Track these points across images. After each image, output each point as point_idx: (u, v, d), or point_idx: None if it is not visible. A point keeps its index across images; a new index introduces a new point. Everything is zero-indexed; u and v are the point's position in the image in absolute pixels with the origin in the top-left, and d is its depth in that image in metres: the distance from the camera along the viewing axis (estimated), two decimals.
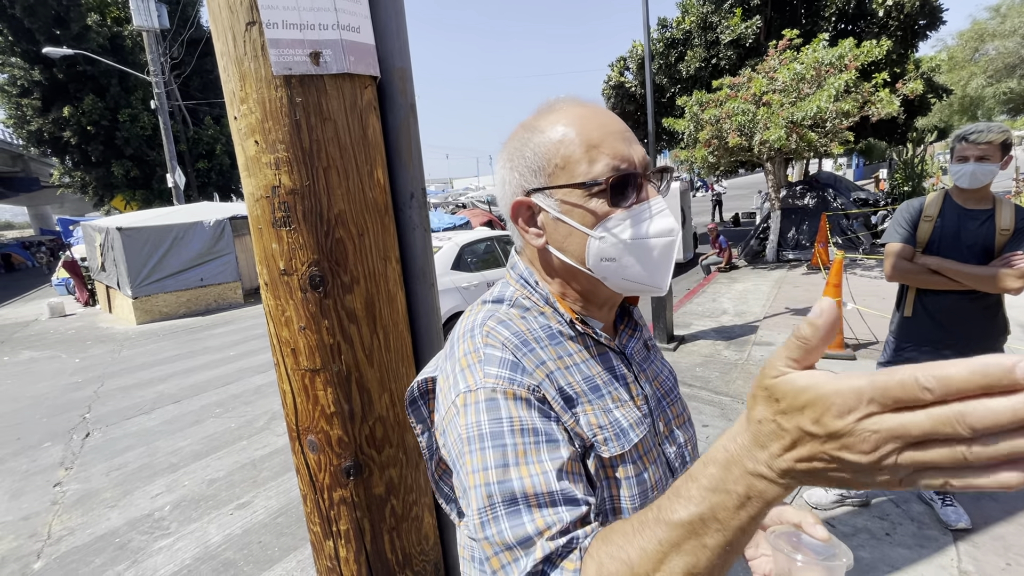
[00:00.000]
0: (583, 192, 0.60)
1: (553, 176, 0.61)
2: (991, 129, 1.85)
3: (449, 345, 0.63)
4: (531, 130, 0.63)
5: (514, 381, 0.54)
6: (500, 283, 0.71)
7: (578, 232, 0.61)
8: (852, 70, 7.23)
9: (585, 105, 0.64)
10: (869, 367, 4.09)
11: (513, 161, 0.64)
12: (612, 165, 0.59)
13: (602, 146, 0.60)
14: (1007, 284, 1.83)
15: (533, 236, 0.64)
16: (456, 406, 0.55)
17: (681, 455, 0.70)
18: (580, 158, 0.60)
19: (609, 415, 0.60)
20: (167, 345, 7.62)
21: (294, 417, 1.16)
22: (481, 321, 0.61)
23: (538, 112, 0.66)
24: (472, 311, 0.66)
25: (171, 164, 13.79)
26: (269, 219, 1.03)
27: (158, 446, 4.05)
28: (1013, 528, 2.18)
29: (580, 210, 0.60)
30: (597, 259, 0.61)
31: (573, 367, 0.61)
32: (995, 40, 21.09)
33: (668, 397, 0.72)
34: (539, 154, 0.62)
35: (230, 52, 0.98)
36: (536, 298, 0.66)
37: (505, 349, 0.57)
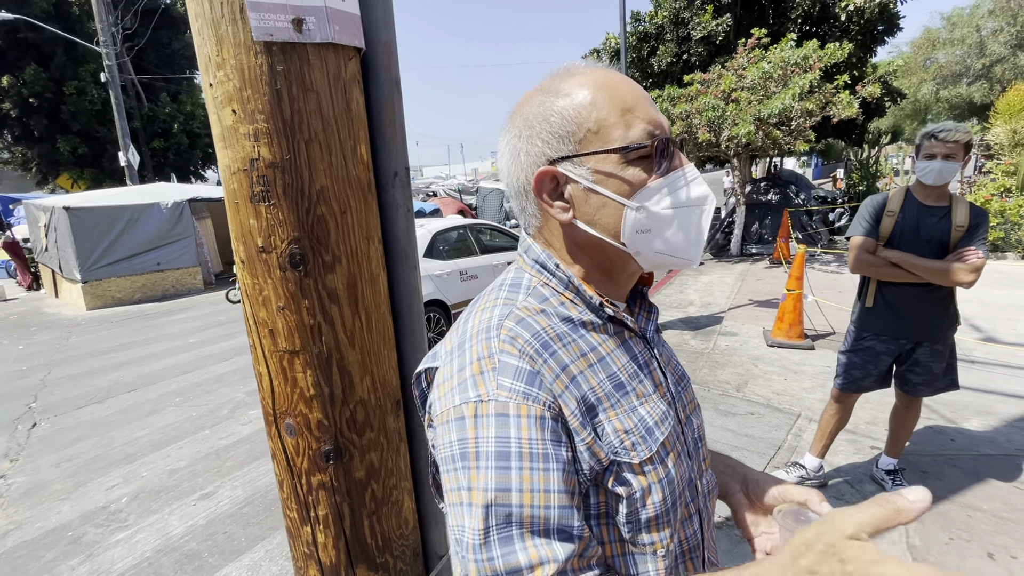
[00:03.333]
0: (619, 159, 0.56)
1: (585, 142, 0.56)
2: (958, 129, 1.95)
3: (459, 338, 0.58)
4: (554, 94, 0.58)
5: (529, 396, 0.50)
6: (514, 268, 0.65)
7: (613, 203, 0.56)
8: (816, 71, 7.47)
9: (608, 70, 0.59)
10: (827, 356, 4.28)
11: (533, 128, 0.58)
12: (648, 130, 0.56)
13: (636, 110, 0.56)
14: (959, 277, 1.95)
15: (559, 210, 0.59)
16: (462, 413, 0.51)
17: (696, 440, 0.68)
18: (616, 122, 0.55)
19: (634, 415, 0.57)
20: (121, 332, 7.26)
21: (271, 400, 1.12)
22: (498, 321, 0.56)
23: (556, 76, 0.60)
24: (487, 302, 0.60)
25: (124, 142, 13.06)
26: (247, 193, 0.98)
27: (113, 436, 3.87)
28: (954, 506, 2.33)
29: (615, 179, 0.56)
30: (633, 231, 0.57)
31: (597, 364, 0.57)
32: (945, 48, 22.22)
33: (682, 381, 0.70)
34: (568, 118, 0.56)
35: (205, 14, 0.92)
36: (555, 283, 0.61)
37: (523, 357, 0.52)
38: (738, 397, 3.67)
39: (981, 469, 2.59)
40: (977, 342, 4.27)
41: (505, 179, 0.63)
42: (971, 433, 2.96)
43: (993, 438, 2.89)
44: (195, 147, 18.03)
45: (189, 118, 17.45)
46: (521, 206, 0.64)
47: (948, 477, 2.54)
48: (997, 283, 6.09)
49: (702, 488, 0.66)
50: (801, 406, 3.44)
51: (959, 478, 2.53)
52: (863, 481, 2.56)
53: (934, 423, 3.09)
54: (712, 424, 3.29)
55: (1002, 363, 3.90)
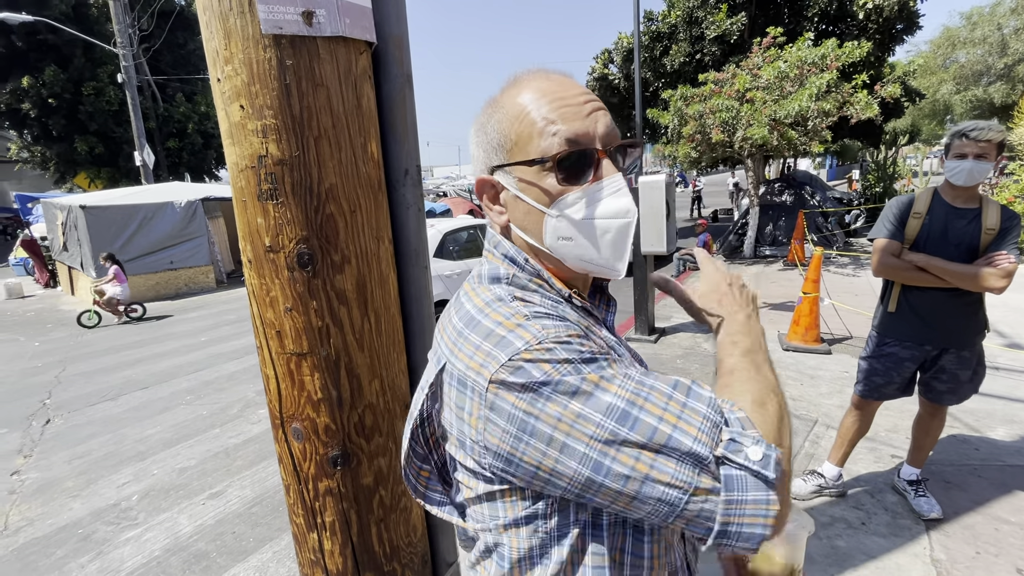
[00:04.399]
0: (537, 169, 0.59)
1: (511, 152, 0.60)
2: (991, 128, 1.88)
3: (460, 325, 0.58)
4: (494, 106, 0.63)
5: (570, 327, 0.53)
6: (485, 263, 0.67)
7: (535, 210, 0.60)
8: (833, 70, 7.34)
9: (549, 77, 0.61)
10: (844, 361, 4.19)
11: (478, 137, 0.64)
12: (568, 139, 0.57)
13: (557, 120, 0.58)
14: (990, 283, 1.87)
15: (496, 214, 0.64)
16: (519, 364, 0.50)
17: None
18: (533, 133, 0.58)
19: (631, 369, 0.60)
20: (134, 330, 7.34)
21: (278, 404, 1.09)
22: (506, 293, 0.59)
23: (504, 86, 0.64)
24: (475, 292, 0.61)
25: (139, 141, 13.24)
26: (254, 191, 0.96)
27: (124, 434, 3.90)
28: (981, 518, 2.25)
29: (535, 188, 0.59)
30: (554, 238, 0.60)
31: (588, 332, 0.59)
32: (965, 48, 21.78)
33: None
34: (499, 130, 0.61)
35: (213, 7, 0.90)
36: (526, 273, 0.64)
37: (544, 309, 0.56)
38: None
39: (1008, 480, 2.50)
40: (1002, 348, 4.15)
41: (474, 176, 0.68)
42: (996, 442, 2.87)
43: (1020, 448, 2.79)
44: (209, 147, 18.21)
45: (203, 118, 17.62)
46: None
47: (973, 488, 2.46)
48: (1021, 287, 5.93)
49: None
50: (818, 412, 3.36)
51: (985, 489, 2.45)
52: (883, 491, 2.48)
53: (957, 431, 3.00)
54: None
55: None
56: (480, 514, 0.61)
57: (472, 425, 0.54)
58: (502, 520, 0.59)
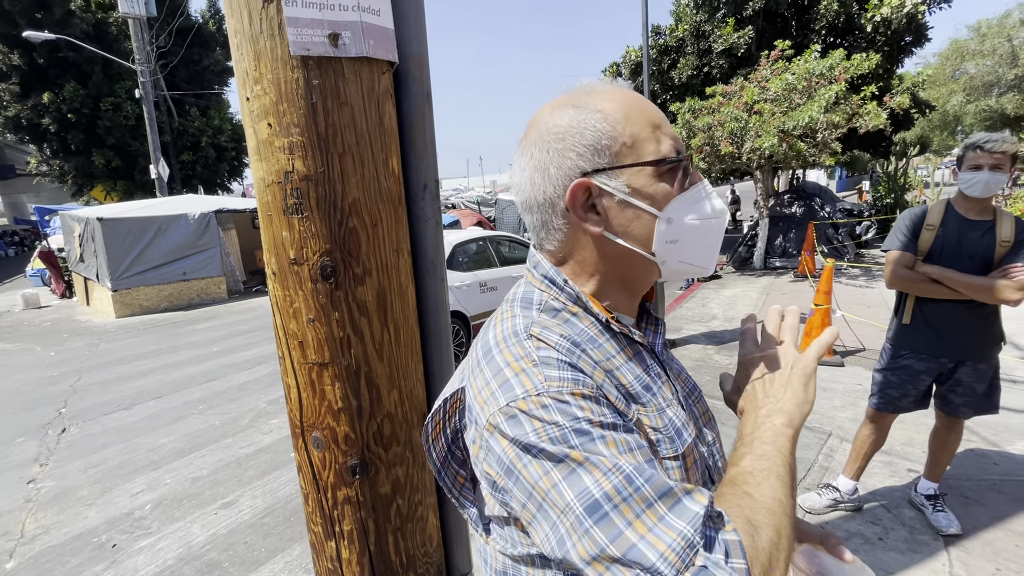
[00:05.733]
0: (652, 173, 0.58)
1: (620, 155, 0.57)
2: (1005, 139, 1.88)
3: (481, 354, 0.59)
4: (585, 108, 0.59)
5: (578, 382, 0.51)
6: (523, 283, 0.66)
7: (646, 215, 0.58)
8: (842, 82, 7.36)
9: (627, 89, 0.62)
10: (857, 373, 4.15)
11: (565, 141, 0.58)
12: (675, 146, 0.59)
13: (663, 127, 0.59)
14: (1005, 295, 1.86)
15: (592, 224, 0.59)
16: (514, 412, 0.50)
17: (712, 454, 0.68)
18: (649, 137, 0.58)
19: (664, 415, 0.59)
20: (148, 339, 7.43)
21: (298, 413, 1.11)
22: (524, 326, 0.57)
23: (576, 93, 0.61)
24: (503, 317, 0.61)
25: (155, 155, 13.51)
26: (280, 206, 0.99)
27: (138, 443, 3.94)
28: (1002, 534, 2.21)
29: (648, 192, 0.58)
30: (663, 242, 0.59)
31: (622, 367, 0.59)
32: (974, 59, 21.72)
33: (693, 395, 0.71)
34: (603, 132, 0.57)
35: (245, 30, 0.93)
36: (564, 298, 0.62)
37: (559, 353, 0.53)
38: None
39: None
40: (1019, 360, 4.09)
41: (525, 193, 0.62)
42: (1015, 457, 2.82)
43: None
44: (222, 160, 18.53)
45: (216, 132, 17.95)
46: (543, 220, 0.62)
47: (992, 503, 2.42)
48: None
49: None
50: (832, 425, 3.33)
51: (1004, 504, 2.40)
52: (900, 505, 2.45)
53: (975, 446, 2.95)
54: None
55: None
56: (500, 535, 0.62)
57: (475, 453, 0.57)
58: (517, 550, 0.58)
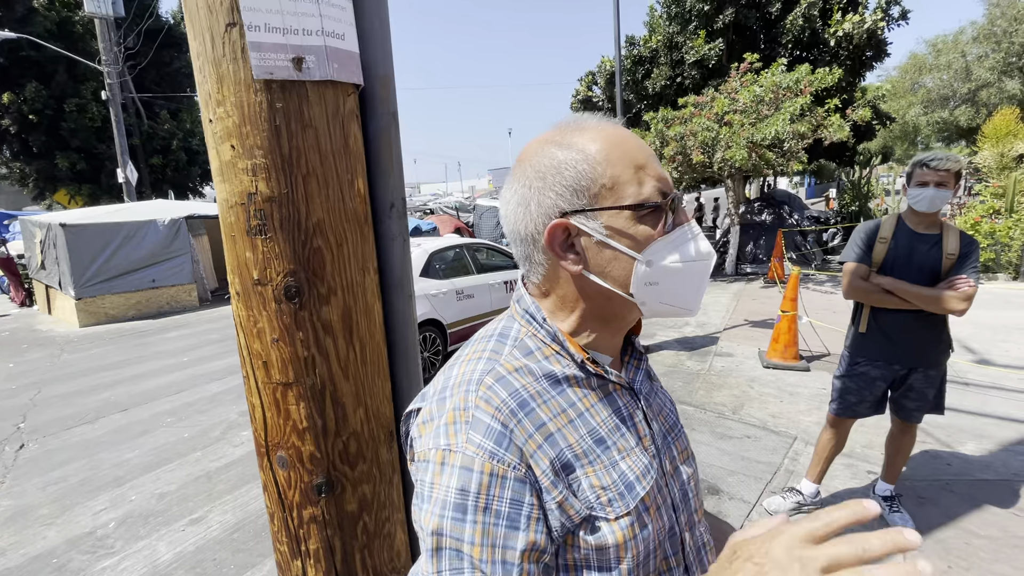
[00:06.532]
0: (631, 215, 0.57)
1: (599, 197, 0.57)
2: (949, 158, 1.99)
3: (443, 383, 0.59)
4: (567, 147, 0.59)
5: (495, 456, 0.51)
6: (506, 316, 0.67)
7: (624, 257, 0.58)
8: (807, 95, 7.62)
9: (616, 125, 0.61)
10: (822, 378, 4.29)
11: (546, 180, 0.59)
12: (658, 188, 0.58)
13: (647, 167, 0.58)
14: (951, 306, 1.96)
15: (570, 262, 0.59)
16: (431, 458, 0.53)
17: (684, 492, 0.68)
18: (630, 179, 0.57)
19: (615, 470, 0.58)
20: (114, 349, 7.20)
21: (263, 432, 1.11)
22: (479, 376, 0.57)
23: (564, 130, 0.61)
24: (475, 351, 0.61)
25: (122, 159, 13.13)
26: (244, 227, 0.99)
27: (102, 458, 3.81)
28: (953, 533, 2.31)
29: (627, 234, 0.58)
30: (641, 284, 0.58)
31: (577, 420, 0.58)
32: (931, 73, 22.73)
33: (673, 432, 0.71)
34: (582, 173, 0.57)
35: (207, 53, 0.94)
36: (543, 335, 0.62)
37: (496, 416, 0.53)
38: (734, 419, 3.65)
39: (978, 494, 2.58)
40: (971, 364, 4.29)
41: (510, 226, 0.63)
42: (967, 457, 2.95)
43: (990, 463, 2.88)
44: (193, 164, 18.10)
45: (188, 135, 17.54)
46: (526, 253, 0.63)
47: (945, 503, 2.53)
48: (989, 304, 6.14)
49: (691, 541, 0.66)
50: (797, 429, 3.43)
51: (956, 504, 2.52)
52: None
53: (930, 447, 3.08)
54: (710, 446, 3.28)
55: (996, 385, 3.91)
56: None
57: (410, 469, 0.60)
58: None
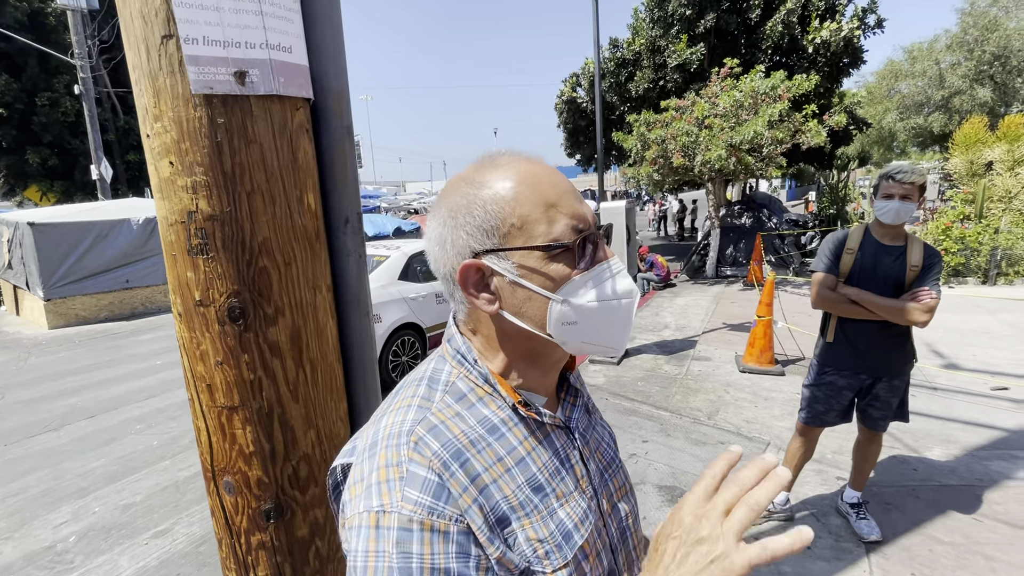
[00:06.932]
0: (543, 255, 0.56)
1: (509, 237, 0.56)
2: (914, 171, 2.02)
3: (372, 437, 0.56)
4: (478, 186, 0.58)
5: (434, 511, 0.49)
6: (436, 357, 0.64)
7: (538, 296, 0.57)
8: (785, 100, 7.73)
9: (532, 161, 0.59)
10: (797, 383, 4.34)
11: (457, 219, 0.58)
12: (572, 225, 0.56)
13: (560, 205, 0.56)
14: (914, 317, 1.99)
15: (484, 302, 0.58)
16: (366, 522, 0.49)
17: (623, 531, 0.66)
18: (539, 218, 0.56)
19: (553, 519, 0.56)
20: (84, 352, 7.00)
21: (209, 457, 1.07)
22: (410, 427, 0.54)
23: (479, 166, 0.60)
24: (404, 399, 0.59)
25: (96, 155, 12.79)
26: (184, 246, 0.95)
27: (66, 468, 3.69)
28: (918, 539, 2.35)
29: (540, 273, 0.56)
30: (559, 324, 0.57)
31: (515, 468, 0.56)
32: (907, 79, 23.28)
33: (610, 468, 0.69)
34: (492, 213, 0.56)
35: (143, 66, 0.90)
36: (474, 376, 0.60)
37: (431, 468, 0.51)
38: (709, 425, 3.68)
39: (943, 500, 2.63)
40: (939, 369, 4.38)
41: (432, 264, 0.63)
42: (933, 463, 3.01)
43: (954, 468, 2.94)
44: None
45: None
46: (449, 291, 0.63)
47: (911, 509, 2.57)
48: (958, 308, 6.29)
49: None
50: (770, 435, 3.47)
51: (921, 510, 2.56)
52: (828, 514, 2.57)
53: (898, 452, 3.14)
54: (684, 452, 3.29)
55: (963, 390, 3.99)
56: None
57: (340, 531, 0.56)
58: None
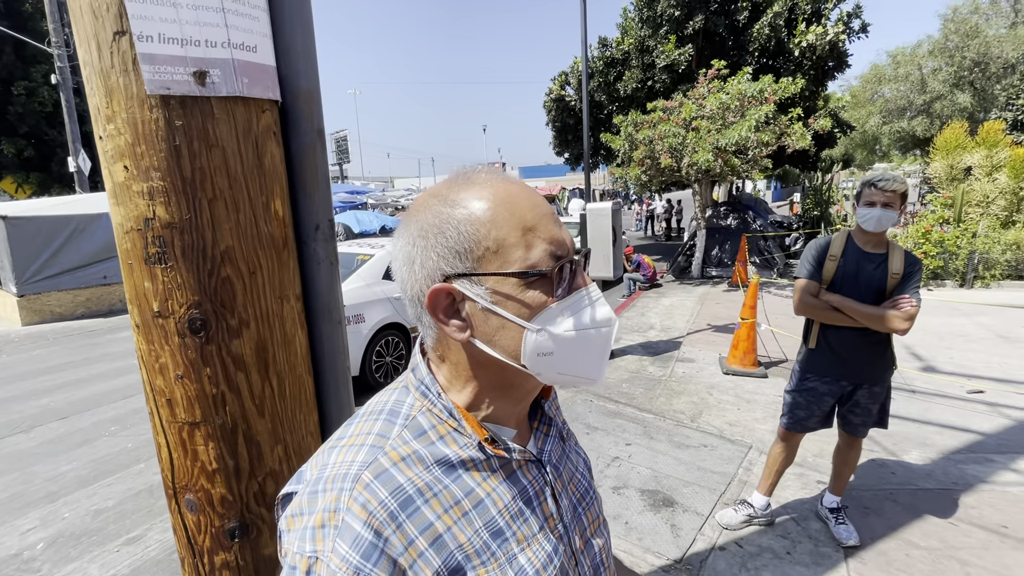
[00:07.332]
0: (519, 281, 0.52)
1: (483, 261, 0.52)
2: (896, 179, 2.03)
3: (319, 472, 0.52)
4: (452, 204, 0.53)
5: (360, 572, 0.46)
6: (399, 388, 0.60)
7: (513, 325, 0.53)
8: (771, 103, 7.79)
9: (510, 181, 0.56)
10: (779, 385, 4.37)
11: (428, 239, 0.54)
12: (550, 251, 0.53)
13: (538, 229, 0.53)
14: (894, 325, 2.00)
15: (455, 329, 0.54)
16: (296, 564, 0.47)
17: (596, 567, 0.64)
18: (516, 242, 0.52)
19: (512, 566, 0.53)
20: (58, 350, 6.82)
21: (170, 474, 1.02)
22: (357, 471, 0.50)
23: (454, 183, 0.56)
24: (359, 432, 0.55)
25: (74, 146, 12.47)
26: (141, 255, 0.91)
27: (35, 471, 3.58)
28: (894, 544, 2.37)
29: (515, 301, 0.53)
30: (534, 354, 0.53)
31: (472, 512, 0.53)
32: (890, 84, 23.67)
33: (584, 501, 0.67)
34: (465, 234, 0.52)
35: (94, 63, 0.85)
36: (438, 410, 0.56)
37: (370, 523, 0.47)
38: (692, 428, 3.69)
39: (919, 504, 2.66)
40: (918, 372, 4.45)
41: (399, 284, 0.58)
42: (911, 466, 3.05)
43: (931, 471, 2.98)
44: None
45: None
46: (416, 315, 0.58)
47: (889, 513, 2.60)
48: (936, 311, 6.40)
49: None
50: (752, 437, 3.49)
51: (898, 514, 2.59)
52: (808, 518, 2.59)
53: (877, 455, 3.17)
54: (667, 455, 3.30)
55: (940, 393, 4.06)
56: None
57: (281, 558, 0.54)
58: None
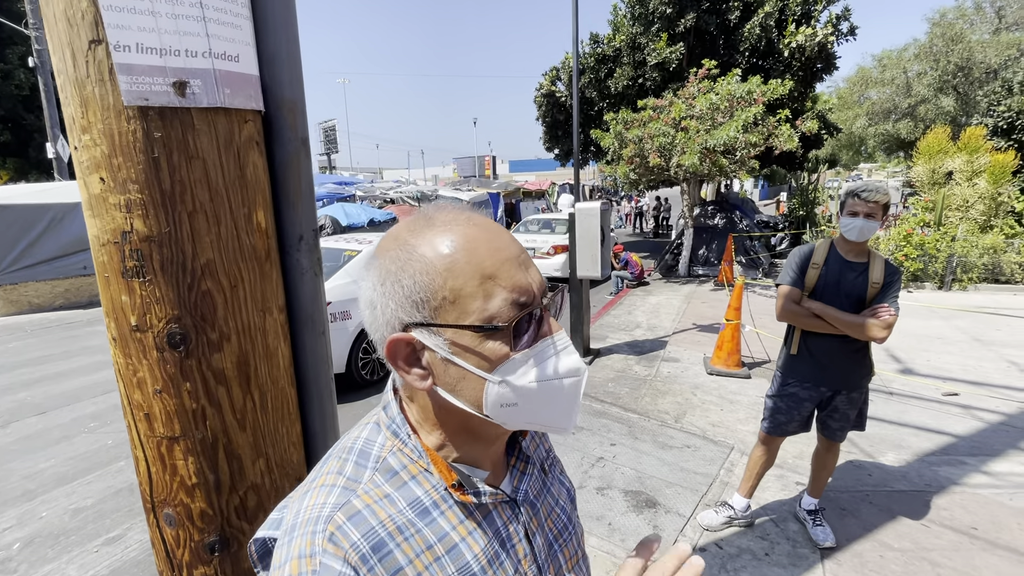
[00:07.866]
0: (477, 333, 0.51)
1: (440, 311, 0.50)
2: (878, 190, 2.06)
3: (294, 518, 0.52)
4: (409, 249, 0.52)
5: None
6: (370, 425, 0.59)
7: (473, 377, 0.52)
8: (760, 104, 7.84)
9: (472, 222, 0.53)
10: (763, 386, 4.44)
11: (386, 285, 0.52)
12: (511, 300, 0.50)
13: (498, 277, 0.50)
14: (873, 333, 2.04)
15: (416, 378, 0.53)
16: None
17: None
18: (474, 292, 0.50)
19: None
20: (36, 343, 6.67)
21: (148, 488, 1.01)
22: (330, 512, 0.50)
23: (414, 224, 0.54)
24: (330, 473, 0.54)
25: (52, 132, 12.14)
26: (118, 268, 0.89)
27: (11, 469, 3.51)
28: (869, 545, 2.43)
29: (473, 352, 0.51)
30: (496, 406, 0.52)
31: (445, 556, 0.52)
32: (876, 86, 23.98)
33: (561, 537, 0.66)
34: (421, 284, 0.50)
35: (68, 71, 0.82)
36: (408, 451, 0.55)
37: (347, 561, 0.47)
38: (676, 428, 3.73)
39: (894, 506, 2.72)
40: (895, 374, 4.54)
41: (366, 326, 0.56)
42: (887, 468, 3.12)
43: (906, 473, 3.05)
44: None
45: None
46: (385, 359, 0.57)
47: (865, 515, 2.66)
48: (916, 313, 6.53)
49: None
50: (735, 438, 3.54)
51: (874, 515, 2.65)
52: (787, 520, 2.64)
53: (854, 457, 3.24)
54: (651, 456, 3.33)
55: (916, 395, 4.15)
56: None
57: None
58: None
